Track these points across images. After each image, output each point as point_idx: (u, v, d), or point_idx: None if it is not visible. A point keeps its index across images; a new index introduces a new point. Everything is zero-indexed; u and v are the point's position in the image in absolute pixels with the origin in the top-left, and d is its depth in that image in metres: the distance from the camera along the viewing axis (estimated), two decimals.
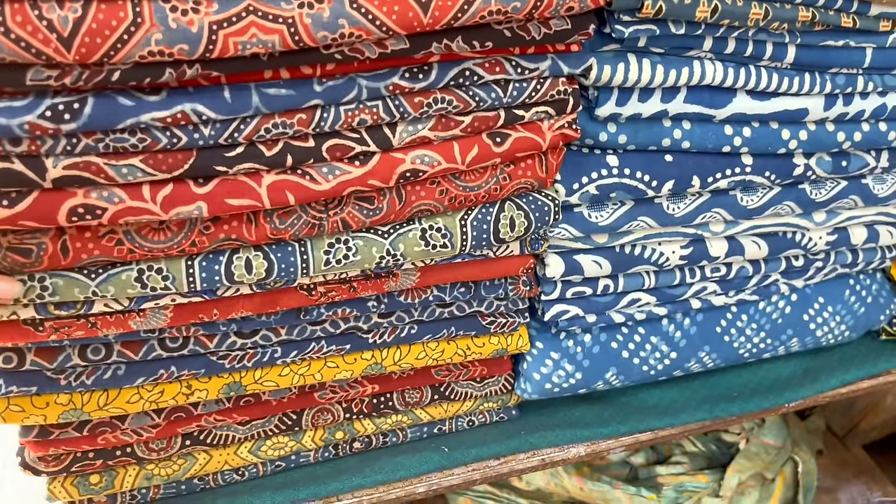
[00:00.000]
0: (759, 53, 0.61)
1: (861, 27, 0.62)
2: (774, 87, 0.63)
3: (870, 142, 0.69)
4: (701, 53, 0.60)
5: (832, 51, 0.63)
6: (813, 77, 0.64)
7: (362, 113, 0.50)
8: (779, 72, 0.63)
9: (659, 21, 0.56)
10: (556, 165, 0.59)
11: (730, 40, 0.59)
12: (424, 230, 0.57)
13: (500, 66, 0.53)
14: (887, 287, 0.85)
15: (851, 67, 0.64)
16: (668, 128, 0.63)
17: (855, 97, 0.66)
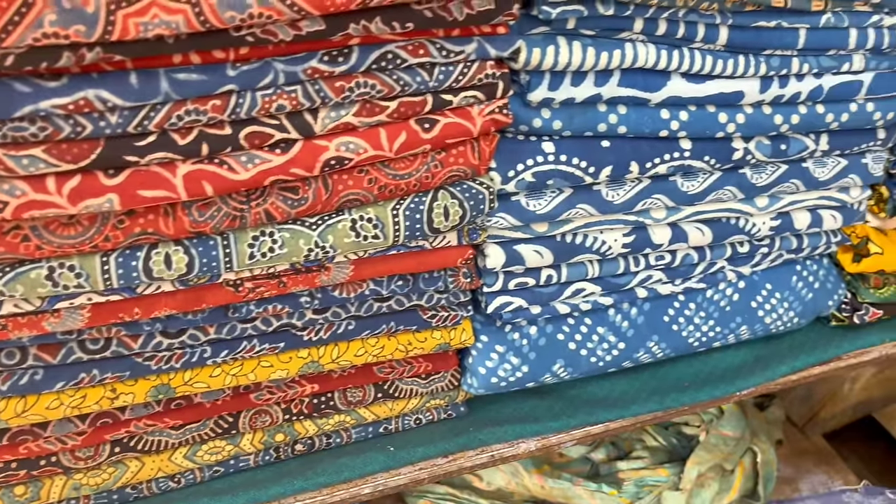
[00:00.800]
0: (691, 35, 0.60)
1: (793, 6, 0.61)
2: (709, 70, 0.62)
3: (808, 124, 0.69)
4: (632, 35, 0.59)
5: (765, 32, 0.62)
6: (747, 59, 0.63)
7: (280, 98, 0.49)
8: (712, 54, 0.62)
9: (587, 1, 0.55)
10: (489, 152, 0.58)
11: (660, 22, 0.59)
12: (354, 221, 0.56)
13: (424, 48, 0.51)
14: (834, 273, 0.85)
15: (785, 49, 0.64)
16: (603, 112, 0.62)
17: (791, 79, 0.66)
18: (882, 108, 0.71)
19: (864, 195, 0.78)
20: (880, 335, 0.88)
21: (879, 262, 0.81)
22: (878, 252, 0.81)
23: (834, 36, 0.65)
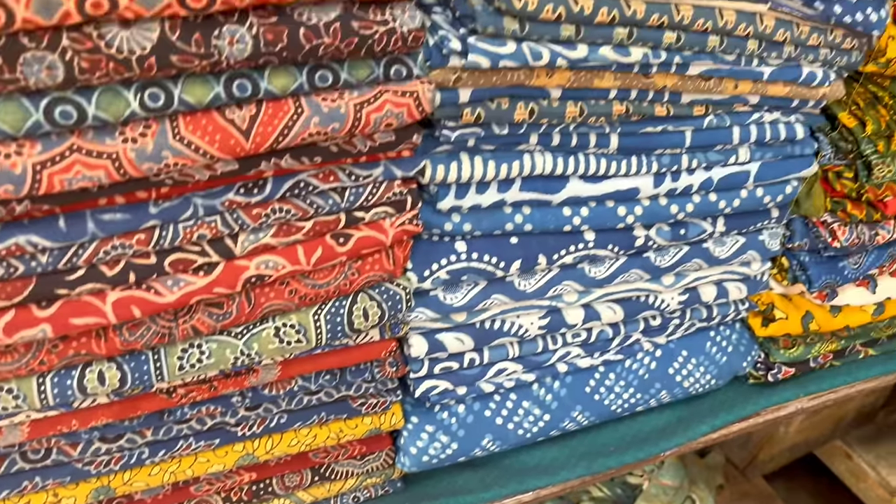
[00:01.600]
0: (584, 144, 0.66)
1: (676, 114, 0.68)
2: (604, 171, 0.68)
3: (703, 211, 0.75)
4: (530, 147, 0.65)
5: (653, 135, 0.69)
6: (639, 159, 0.70)
7: (201, 228, 0.53)
8: (606, 157, 0.68)
9: (483, 124, 0.61)
10: (403, 257, 0.63)
11: (554, 134, 0.65)
12: (278, 328, 0.60)
13: (334, 175, 0.57)
14: (747, 336, 0.91)
15: (674, 148, 0.70)
16: (509, 214, 0.68)
17: (682, 173, 0.72)
18: (771, 192, 0.77)
19: (765, 267, 0.84)
20: (795, 391, 0.94)
21: (785, 326, 0.87)
22: (782, 318, 0.87)
23: (718, 134, 0.72)
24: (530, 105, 0.61)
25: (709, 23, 0.61)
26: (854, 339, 0.94)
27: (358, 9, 0.50)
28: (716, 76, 0.67)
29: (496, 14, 0.55)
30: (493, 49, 0.56)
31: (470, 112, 0.59)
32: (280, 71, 0.50)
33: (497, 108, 0.60)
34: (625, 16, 0.58)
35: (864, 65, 0.72)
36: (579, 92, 0.63)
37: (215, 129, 0.49)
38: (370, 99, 0.53)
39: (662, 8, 0.59)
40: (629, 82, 0.63)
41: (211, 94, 0.48)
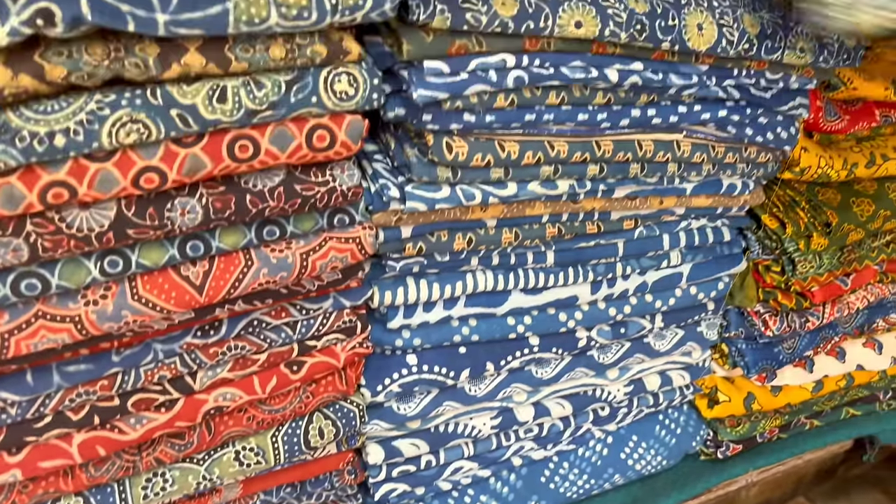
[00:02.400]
0: (522, 261, 0.71)
1: (607, 229, 0.73)
2: (543, 284, 0.73)
3: (640, 311, 0.80)
4: (471, 268, 0.70)
5: (587, 249, 0.74)
6: (576, 270, 0.75)
7: (161, 370, 0.58)
8: (544, 271, 0.73)
9: (426, 254, 0.66)
10: (355, 377, 0.68)
11: (493, 256, 0.70)
12: (238, 451, 0.64)
13: (286, 311, 0.61)
14: (695, 416, 0.96)
15: (608, 258, 0.76)
16: (456, 327, 0.72)
17: (617, 280, 0.78)
18: (704, 289, 0.83)
19: (706, 354, 0.89)
20: (744, 465, 0.98)
21: (728, 408, 0.92)
22: (726, 400, 0.92)
23: (649, 243, 0.77)
24: (468, 235, 0.66)
25: (629, 154, 0.67)
26: (797, 414, 0.99)
27: (300, 172, 0.55)
28: (641, 196, 0.72)
29: (430, 165, 0.60)
30: (428, 195, 0.61)
31: (412, 246, 0.64)
32: (230, 230, 0.54)
33: (437, 240, 0.65)
34: (549, 156, 0.64)
35: (780, 172, 0.78)
36: (513, 220, 0.68)
37: (171, 287, 0.53)
38: (315, 247, 0.58)
39: (584, 146, 0.65)
40: (559, 208, 0.69)
41: (166, 256, 0.53)
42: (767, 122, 0.73)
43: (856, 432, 1.04)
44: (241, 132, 0.51)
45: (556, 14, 0.57)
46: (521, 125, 0.62)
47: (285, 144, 0.52)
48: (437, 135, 0.60)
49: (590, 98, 0.63)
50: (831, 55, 0.68)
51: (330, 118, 0.53)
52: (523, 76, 0.59)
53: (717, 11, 0.63)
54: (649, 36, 0.61)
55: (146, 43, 0.46)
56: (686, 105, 0.68)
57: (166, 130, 0.48)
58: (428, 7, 0.53)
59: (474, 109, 0.59)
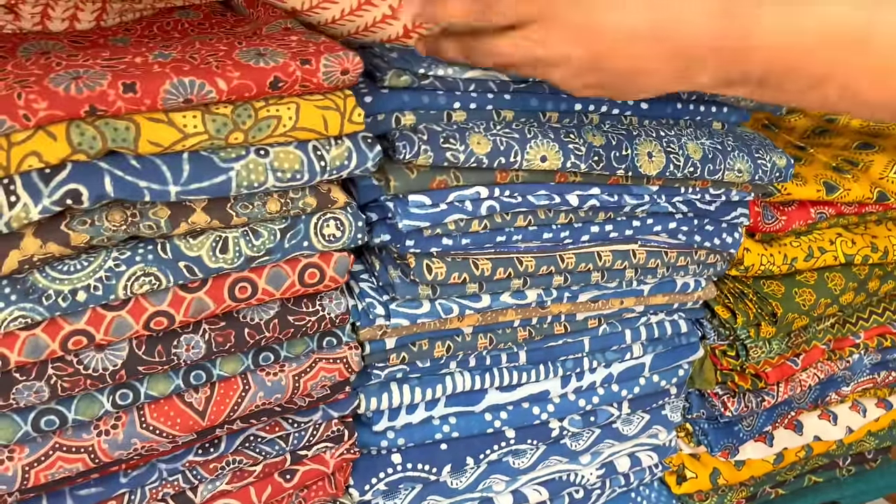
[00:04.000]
0: (496, 362, 0.78)
1: (573, 329, 0.80)
2: (516, 381, 0.79)
3: (608, 400, 0.86)
4: (451, 371, 0.76)
5: (556, 347, 0.80)
6: (546, 367, 0.81)
7: (165, 488, 0.62)
8: (517, 369, 0.79)
9: (409, 363, 0.72)
10: (343, 479, 0.73)
11: (471, 358, 0.76)
12: None
13: (279, 425, 0.66)
14: (665, 492, 1.01)
15: (575, 354, 0.82)
16: (437, 425, 0.78)
17: (585, 373, 0.84)
18: (666, 376, 0.89)
19: (671, 435, 0.95)
20: None
21: (696, 484, 0.98)
22: (693, 476, 0.98)
23: (613, 338, 0.83)
24: (447, 343, 0.72)
25: (590, 264, 0.74)
26: (762, 485, 1.04)
27: (292, 304, 0.61)
28: (603, 299, 0.79)
29: (412, 284, 0.67)
30: (410, 311, 0.67)
31: (395, 356, 0.70)
32: (229, 358, 0.60)
33: (419, 349, 0.71)
34: (518, 271, 0.71)
35: (728, 269, 0.86)
36: (488, 326, 0.74)
37: (176, 414, 0.59)
38: (306, 369, 0.63)
39: (549, 260, 0.72)
40: (529, 314, 0.75)
41: (172, 386, 0.58)
42: (714, 230, 0.80)
43: (818, 499, 1.10)
44: (240, 276, 0.57)
45: (525, 150, 0.64)
46: (493, 245, 0.69)
47: (280, 283, 0.58)
48: (419, 257, 0.66)
49: (553, 219, 0.71)
50: (765, 174, 0.76)
51: (319, 257, 0.60)
52: (495, 205, 0.66)
53: (664, 140, 0.71)
54: (605, 165, 0.68)
55: (159, 207, 0.52)
56: (640, 220, 0.75)
57: (175, 280, 0.54)
58: (413, 148, 0.60)
59: (451, 235, 0.66)
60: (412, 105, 0.62)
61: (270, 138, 0.53)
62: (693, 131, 0.74)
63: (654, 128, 0.73)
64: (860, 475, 1.14)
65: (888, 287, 0.95)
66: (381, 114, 0.61)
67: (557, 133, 0.66)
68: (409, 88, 0.63)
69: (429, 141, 0.60)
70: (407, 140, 0.60)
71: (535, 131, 0.65)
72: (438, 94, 0.63)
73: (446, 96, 0.63)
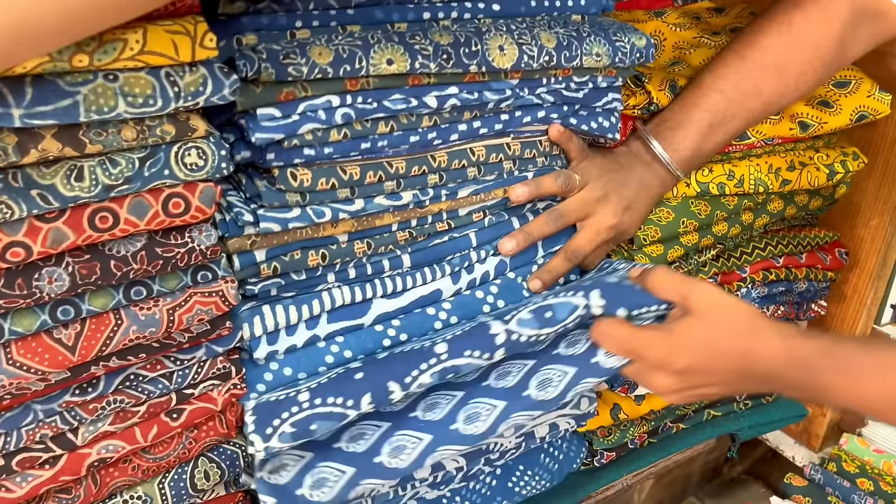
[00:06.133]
0: (378, 270, 0.77)
1: (457, 225, 0.81)
2: (402, 287, 0.79)
3: (507, 290, 0.85)
4: (329, 285, 0.75)
5: (441, 246, 0.81)
6: (433, 268, 0.81)
7: (42, 429, 0.62)
8: (402, 275, 0.79)
9: (283, 274, 0.71)
10: (235, 420, 0.73)
11: (350, 269, 0.76)
12: (126, 501, 0.68)
13: (161, 363, 0.67)
14: (576, 441, 1.03)
15: (462, 250, 0.82)
16: (324, 347, 0.75)
17: (475, 266, 0.84)
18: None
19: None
20: (619, 471, 1.07)
21: (598, 420, 1.01)
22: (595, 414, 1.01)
23: (500, 227, 0.84)
24: (321, 251, 0.72)
25: (463, 161, 0.77)
26: (662, 420, 1.09)
27: (160, 237, 0.61)
28: (484, 192, 0.81)
29: (279, 192, 0.67)
30: (281, 216, 0.68)
31: (267, 266, 0.70)
32: (98, 293, 0.60)
33: (291, 259, 0.71)
34: (390, 173, 0.72)
35: None
36: (364, 232, 0.75)
37: (44, 350, 0.58)
38: (181, 303, 0.64)
39: (421, 161, 0.74)
40: (407, 215, 0.76)
41: (38, 321, 0.58)
42: (588, 115, 0.84)
43: (717, 432, 1.15)
44: (100, 205, 0.57)
45: (369, 56, 0.66)
46: (358, 153, 0.70)
47: (143, 213, 0.59)
48: (282, 168, 0.67)
49: (417, 123, 0.73)
50: (625, 55, 0.79)
51: (184, 187, 0.60)
52: (350, 112, 0.68)
53: (515, 33, 0.74)
54: (456, 63, 0.70)
55: (5, 133, 0.52)
56: (508, 114, 0.78)
57: (28, 209, 0.54)
58: (253, 65, 0.61)
59: (312, 145, 0.67)
60: (252, 27, 0.64)
61: (118, 62, 0.54)
62: (547, 22, 0.77)
63: (506, 23, 0.75)
64: (757, 409, 1.20)
65: (763, 221, 1.00)
66: (221, 40, 0.62)
67: (403, 37, 0.68)
68: (247, 14, 0.64)
69: (268, 59, 0.62)
70: (246, 58, 0.61)
71: (378, 37, 0.67)
72: (278, 16, 0.65)
73: (287, 17, 0.65)
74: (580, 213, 0.87)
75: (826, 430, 1.25)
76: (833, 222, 1.11)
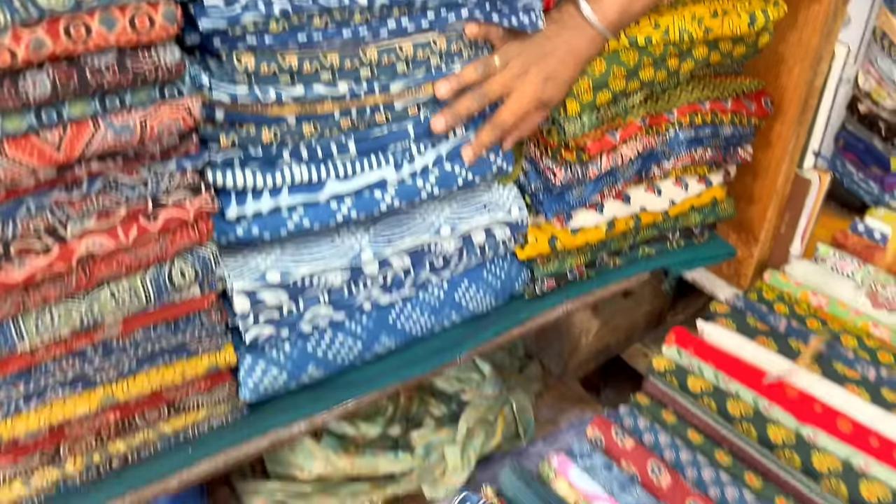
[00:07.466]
0: (328, 154, 0.88)
1: (395, 117, 0.91)
2: (352, 172, 0.91)
3: (444, 180, 0.98)
4: (286, 162, 0.86)
5: (382, 137, 0.92)
6: (377, 156, 0.92)
7: (35, 222, 0.72)
8: (350, 161, 0.90)
9: (240, 146, 0.82)
10: (206, 230, 0.83)
11: (302, 149, 0.86)
12: (113, 292, 0.80)
13: (137, 171, 0.76)
14: (516, 262, 1.16)
15: (403, 141, 0.93)
16: (286, 216, 0.88)
17: (415, 157, 0.95)
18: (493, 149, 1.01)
19: (524, 214, 1.08)
20: (559, 297, 1.20)
21: (536, 248, 1.13)
22: (533, 241, 1.13)
23: None
24: (273, 128, 0.83)
25: (392, 57, 0.85)
26: (598, 252, 1.21)
27: (129, 53, 0.69)
28: (415, 86, 0.90)
29: (228, 72, 0.77)
30: (230, 91, 0.78)
31: (226, 137, 0.80)
32: (78, 101, 0.69)
33: (247, 133, 0.82)
34: (324, 66, 0.81)
35: None
36: (310, 116, 0.84)
37: (33, 147, 0.68)
38: (151, 113, 0.72)
39: (352, 56, 0.83)
40: (346, 105, 0.86)
41: (25, 123, 0.67)
42: (510, 10, 0.91)
43: (650, 266, 1.28)
44: (74, 17, 0.65)
45: None
46: (296, 44, 0.79)
47: (112, 26, 0.66)
48: (228, 53, 0.77)
49: (349, 18, 0.80)
50: None
51: (148, 6, 0.68)
52: (287, 7, 0.75)
53: None
54: None
55: None
56: (433, 11, 0.86)
57: (11, 16, 0.61)
58: None
59: (254, 34, 0.76)
60: None
61: None
62: None
63: None
64: (688, 248, 1.32)
65: (689, 66, 1.08)
66: None
67: None
68: None
69: None
70: None
71: None
72: None
73: None
74: (502, 90, 0.95)
75: (753, 270, 1.38)
76: (758, 71, 1.19)
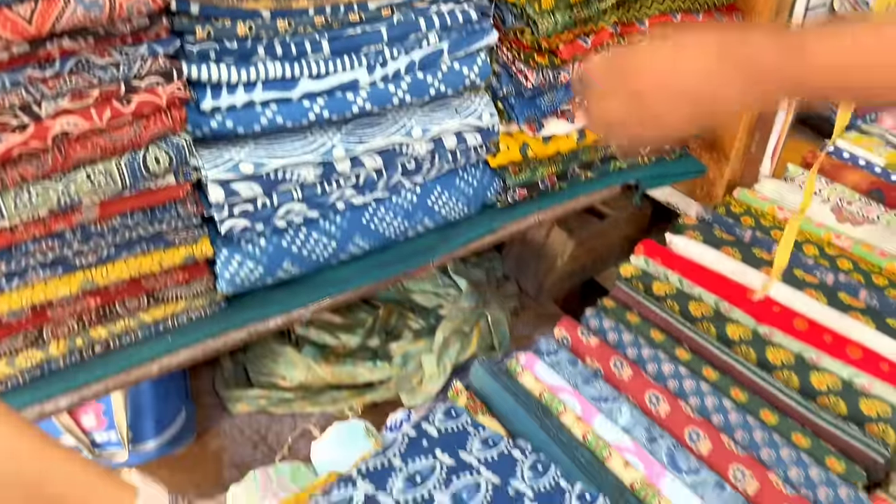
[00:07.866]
0: (302, 51, 0.90)
1: (368, 18, 0.92)
2: (325, 71, 0.92)
3: (416, 88, 1.00)
4: (261, 58, 0.88)
5: (356, 37, 0.93)
6: (350, 57, 0.94)
7: (10, 97, 0.74)
8: (324, 60, 0.92)
9: (218, 39, 0.84)
10: (180, 117, 0.86)
11: (276, 47, 0.88)
12: (89, 174, 0.82)
13: (109, 52, 0.78)
14: (488, 171, 1.18)
15: (376, 44, 0.95)
16: (259, 112, 0.91)
17: (388, 61, 0.97)
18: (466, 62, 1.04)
19: (494, 120, 1.10)
20: (531, 208, 1.23)
21: (508, 155, 1.16)
22: (505, 149, 1.15)
23: (408, 27, 0.97)
24: (248, 23, 0.84)
25: None
26: (570, 163, 1.24)
27: None
28: None
29: None
30: None
31: (201, 29, 0.82)
32: None
33: (223, 26, 0.83)
34: None
35: None
36: (284, 12, 0.86)
37: (5, 20, 0.69)
38: None
39: None
40: (321, 2, 0.87)
41: None
42: None
43: (621, 179, 1.31)
44: None
45: None
46: None
47: None
48: None
49: None
50: None
51: None
52: None
53: None
54: None
55: None
56: None
57: None
58: None
59: None
60: None
61: None
62: None
63: None
64: (659, 163, 1.35)
65: None
66: None
67: None
68: None
69: None
70: None
71: None
72: None
73: None
74: None
75: (724, 189, 1.41)
76: None
